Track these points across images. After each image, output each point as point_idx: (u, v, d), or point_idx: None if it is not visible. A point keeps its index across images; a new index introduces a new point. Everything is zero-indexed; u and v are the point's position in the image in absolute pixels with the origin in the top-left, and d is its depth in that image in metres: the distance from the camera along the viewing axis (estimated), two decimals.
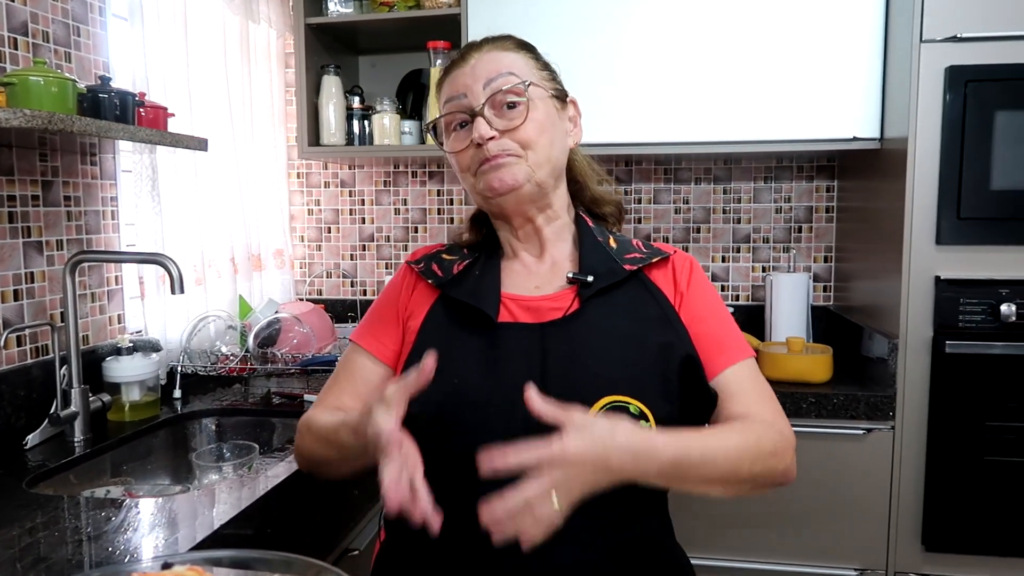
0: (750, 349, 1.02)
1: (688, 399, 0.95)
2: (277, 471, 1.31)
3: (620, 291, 1.00)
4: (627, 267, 1.01)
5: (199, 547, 1.04)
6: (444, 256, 1.09)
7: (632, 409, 0.89)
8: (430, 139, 2.19)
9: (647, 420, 0.89)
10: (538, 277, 1.04)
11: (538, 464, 0.77)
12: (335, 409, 1.04)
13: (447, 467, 0.91)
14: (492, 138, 0.97)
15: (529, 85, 0.99)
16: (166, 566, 0.64)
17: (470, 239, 1.11)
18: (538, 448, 0.77)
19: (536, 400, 0.80)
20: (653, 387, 0.92)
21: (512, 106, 0.98)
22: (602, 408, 0.89)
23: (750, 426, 0.92)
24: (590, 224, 1.08)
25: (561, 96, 1.05)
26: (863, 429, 1.79)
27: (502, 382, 0.93)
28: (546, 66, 1.06)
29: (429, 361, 0.85)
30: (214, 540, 1.07)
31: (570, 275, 1.00)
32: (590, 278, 0.99)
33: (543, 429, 0.88)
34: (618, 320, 0.97)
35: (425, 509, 0.79)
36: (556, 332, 0.96)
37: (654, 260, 1.03)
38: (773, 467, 0.91)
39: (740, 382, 0.97)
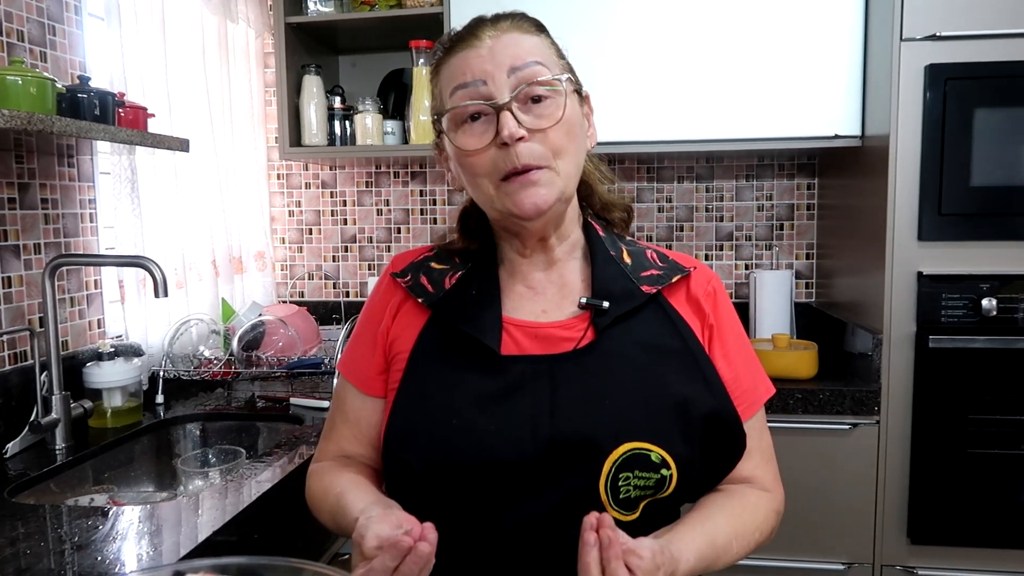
0: (769, 384, 0.97)
1: (711, 443, 0.88)
2: (263, 476, 1.29)
3: (637, 318, 0.90)
4: (645, 288, 0.91)
5: (188, 556, 1.02)
6: (433, 265, 0.97)
7: (653, 457, 0.82)
8: (414, 138, 2.18)
9: (668, 468, 0.82)
10: (545, 299, 0.93)
11: None
12: (339, 455, 0.98)
13: (446, 515, 0.84)
14: (522, 139, 0.82)
15: (566, 79, 0.86)
16: (178, 574, 0.63)
17: (460, 246, 0.98)
18: None
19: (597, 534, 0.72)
20: (674, 431, 0.84)
21: (538, 100, 0.84)
22: (621, 456, 0.81)
23: (758, 510, 0.92)
24: (600, 234, 0.96)
25: (580, 90, 0.92)
26: (848, 424, 1.80)
27: (507, 423, 0.83)
28: (563, 53, 0.92)
29: (421, 544, 0.72)
30: (202, 548, 1.05)
31: (583, 301, 0.89)
32: (605, 304, 0.88)
33: (551, 477, 0.82)
34: (636, 353, 0.88)
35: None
36: (568, 366, 0.86)
37: (673, 280, 0.93)
38: (774, 525, 0.95)
39: (752, 440, 0.93)
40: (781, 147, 2.04)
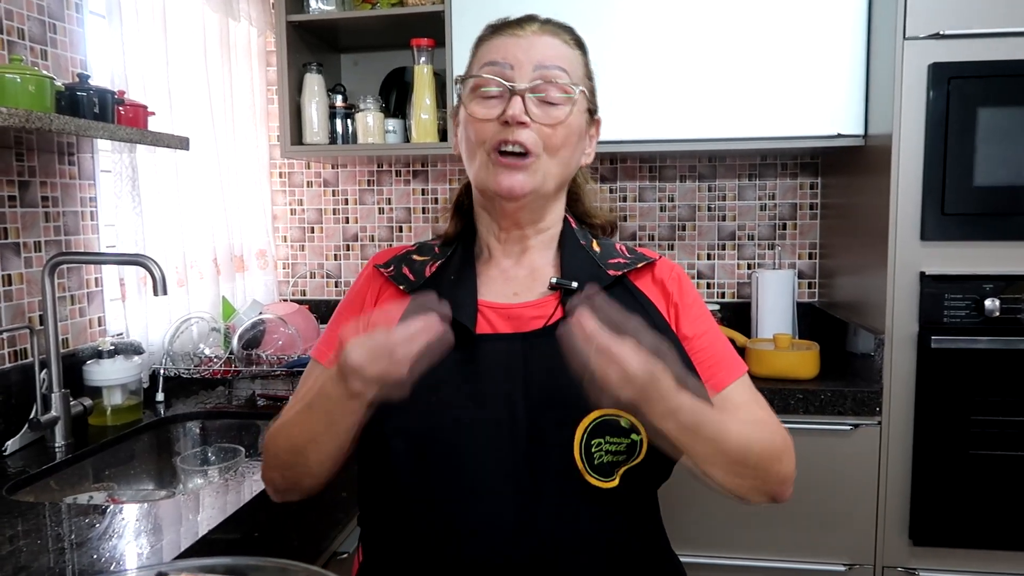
0: (743, 363, 1.00)
1: None
2: None
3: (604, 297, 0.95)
4: (611, 272, 0.97)
5: (185, 554, 1.02)
6: (415, 257, 1.02)
7: (623, 422, 0.86)
8: (415, 137, 2.18)
9: (638, 433, 0.86)
10: (516, 283, 0.98)
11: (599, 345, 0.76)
12: None
13: (428, 490, 0.87)
14: (524, 124, 0.90)
15: (579, 91, 0.93)
16: (161, 575, 0.63)
17: (450, 229, 1.05)
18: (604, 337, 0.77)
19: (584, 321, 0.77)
20: None
21: (552, 104, 0.92)
22: (591, 423, 0.86)
23: (763, 424, 0.92)
24: (573, 226, 1.02)
25: (592, 111, 1.00)
26: (850, 425, 1.79)
27: (483, 398, 0.89)
28: (591, 76, 1.00)
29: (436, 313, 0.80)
30: (201, 546, 1.05)
31: (553, 280, 0.95)
32: (574, 284, 0.94)
33: (529, 445, 0.86)
34: (604, 328, 0.93)
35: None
36: (538, 342, 0.91)
37: (639, 266, 0.99)
38: (780, 467, 0.90)
39: (743, 395, 0.96)
40: (784, 146, 2.04)
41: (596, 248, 1.00)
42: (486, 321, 0.94)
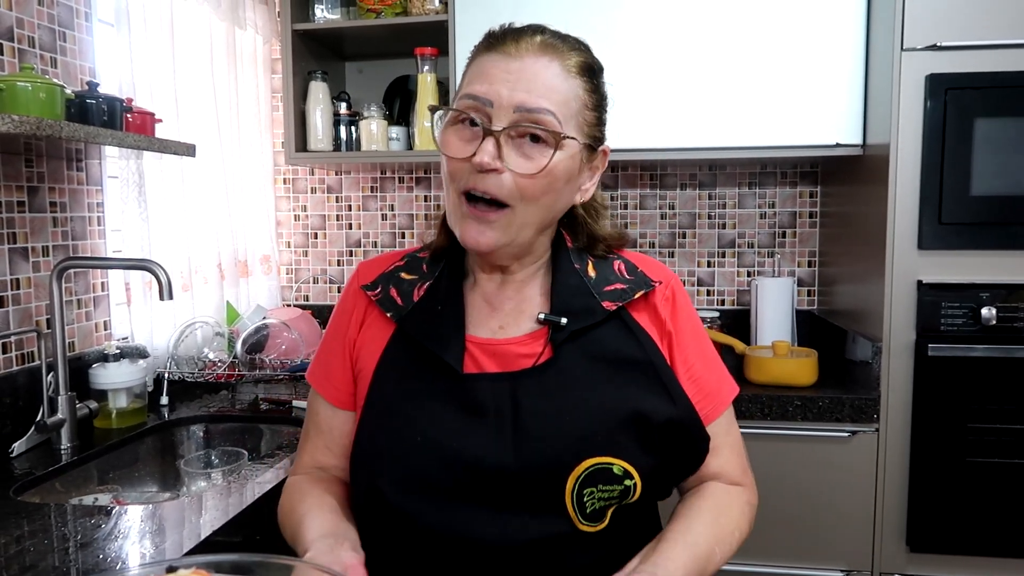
0: (733, 384, 0.99)
1: (673, 450, 0.89)
2: (265, 477, 1.31)
3: (596, 330, 0.90)
4: (606, 304, 0.90)
5: (190, 555, 1.03)
6: (403, 276, 0.97)
7: (616, 469, 0.83)
8: (418, 144, 2.20)
9: (632, 478, 0.84)
10: (502, 315, 0.92)
11: None
12: (313, 467, 0.99)
13: (416, 531, 0.85)
14: (495, 170, 0.81)
15: (564, 138, 0.83)
16: (171, 570, 0.64)
17: (438, 243, 0.99)
18: None
19: None
20: (635, 442, 0.85)
21: (536, 139, 0.83)
22: (584, 472, 0.82)
23: (732, 509, 0.93)
24: (569, 246, 0.96)
25: (595, 145, 0.91)
26: (848, 432, 1.81)
27: (471, 442, 0.84)
28: (599, 104, 0.92)
29: None
30: (203, 547, 1.06)
31: (541, 316, 0.89)
32: (563, 320, 0.88)
33: (518, 495, 0.83)
34: (595, 368, 0.88)
35: None
36: (528, 384, 0.86)
37: (636, 296, 0.93)
38: (747, 536, 0.94)
39: (719, 436, 0.94)
40: (783, 155, 2.05)
41: (591, 272, 0.94)
42: (472, 360, 0.89)
